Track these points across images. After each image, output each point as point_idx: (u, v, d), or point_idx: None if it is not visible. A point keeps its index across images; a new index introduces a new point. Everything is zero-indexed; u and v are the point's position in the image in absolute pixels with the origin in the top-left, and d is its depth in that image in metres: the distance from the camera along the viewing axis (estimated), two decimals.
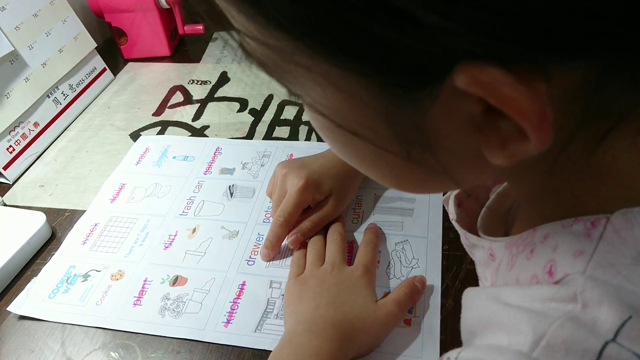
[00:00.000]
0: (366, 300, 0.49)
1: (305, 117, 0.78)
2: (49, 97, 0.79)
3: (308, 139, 0.74)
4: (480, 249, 0.36)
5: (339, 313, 0.47)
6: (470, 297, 0.31)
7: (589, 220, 0.24)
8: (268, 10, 0.20)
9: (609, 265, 0.23)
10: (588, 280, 0.23)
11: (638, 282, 0.22)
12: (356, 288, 0.50)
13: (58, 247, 0.61)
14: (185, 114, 0.82)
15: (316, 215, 0.58)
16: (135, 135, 0.78)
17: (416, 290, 0.51)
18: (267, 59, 0.23)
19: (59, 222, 0.65)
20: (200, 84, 0.89)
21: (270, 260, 0.57)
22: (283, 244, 0.58)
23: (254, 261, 0.57)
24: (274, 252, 0.57)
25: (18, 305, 0.55)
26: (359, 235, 0.59)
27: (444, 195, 0.45)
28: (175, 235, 0.61)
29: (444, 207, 0.61)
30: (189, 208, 0.64)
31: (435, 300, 0.52)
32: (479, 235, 0.37)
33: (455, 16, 0.17)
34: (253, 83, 0.87)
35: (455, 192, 0.41)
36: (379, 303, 0.49)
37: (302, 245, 0.57)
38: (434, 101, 0.20)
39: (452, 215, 0.41)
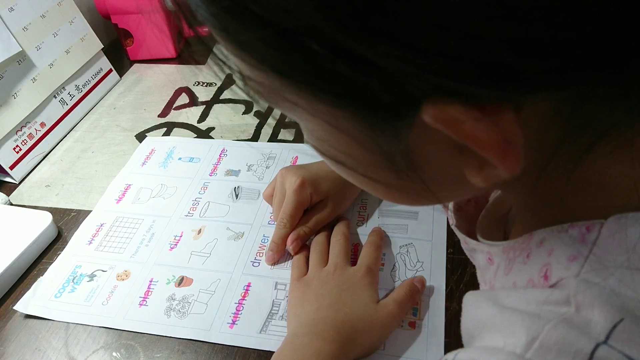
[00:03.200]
0: (368, 301, 0.49)
1: None
2: (56, 97, 0.80)
3: None
4: (479, 253, 0.36)
5: (340, 314, 0.48)
6: (469, 301, 0.32)
7: (584, 225, 0.25)
8: (253, 52, 0.21)
9: (603, 268, 0.23)
10: (581, 283, 0.23)
11: (630, 285, 0.23)
12: (358, 289, 0.50)
13: (64, 247, 0.61)
14: (191, 115, 0.82)
15: (313, 220, 0.58)
16: (141, 136, 0.79)
17: (416, 290, 0.51)
18: (259, 93, 0.25)
19: (65, 222, 0.65)
20: (206, 86, 0.89)
21: (274, 264, 0.57)
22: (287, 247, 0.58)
23: (259, 262, 0.58)
24: (279, 254, 0.57)
25: (24, 304, 0.55)
26: (364, 238, 0.59)
27: None
28: (180, 236, 0.61)
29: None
30: (194, 209, 0.65)
31: (440, 303, 0.52)
32: (478, 240, 0.37)
33: (412, 62, 0.18)
34: None
35: None
36: (380, 304, 0.50)
37: (303, 246, 0.58)
38: (412, 129, 0.22)
39: (452, 220, 0.41)
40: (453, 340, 0.49)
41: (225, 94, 0.87)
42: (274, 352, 0.47)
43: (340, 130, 0.23)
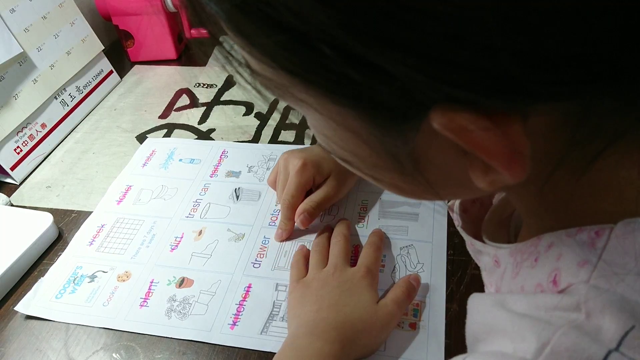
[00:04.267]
0: (367, 302, 0.50)
1: None
2: (57, 98, 0.80)
3: (314, 143, 0.75)
4: (485, 255, 0.36)
5: (340, 315, 0.48)
6: (475, 303, 0.32)
7: (593, 230, 0.25)
8: (263, 50, 0.21)
9: (613, 274, 0.23)
10: (591, 289, 0.23)
11: None
12: (358, 289, 0.51)
13: (65, 248, 0.61)
14: (192, 117, 0.83)
15: (317, 195, 0.60)
16: (141, 138, 0.79)
17: (412, 288, 0.52)
18: (267, 87, 0.25)
19: (66, 223, 0.66)
20: (206, 87, 0.89)
21: (282, 241, 0.60)
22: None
23: (259, 264, 0.58)
24: (287, 232, 0.60)
25: (25, 305, 0.55)
26: (364, 240, 0.59)
27: (448, 202, 0.46)
28: (181, 237, 0.61)
29: (448, 213, 0.61)
30: (195, 210, 0.65)
31: (440, 304, 0.52)
32: (484, 242, 0.37)
33: (424, 70, 0.18)
34: None
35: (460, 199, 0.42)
36: (379, 304, 0.50)
37: (303, 249, 0.58)
38: (419, 132, 0.22)
39: (458, 221, 0.41)
40: (453, 341, 0.49)
41: (226, 96, 0.87)
42: (275, 353, 0.47)
43: (347, 129, 0.24)
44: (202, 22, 0.23)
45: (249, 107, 0.83)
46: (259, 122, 0.80)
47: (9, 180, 0.73)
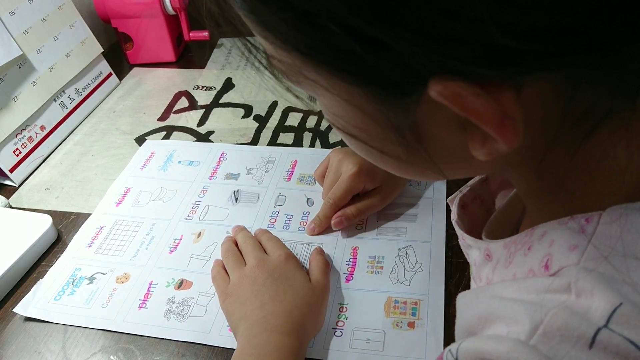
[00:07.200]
0: (303, 283, 0.51)
1: (309, 123, 0.79)
2: (56, 100, 0.80)
3: (312, 145, 0.75)
4: (476, 249, 0.37)
5: (285, 304, 0.48)
6: (468, 299, 0.32)
7: (584, 217, 0.26)
8: (277, 33, 0.23)
9: (601, 257, 0.25)
10: (581, 270, 0.24)
11: (627, 274, 0.24)
12: (290, 274, 0.52)
13: (64, 250, 0.62)
14: (190, 119, 0.83)
15: (362, 203, 0.60)
16: (140, 140, 0.79)
17: (324, 255, 0.56)
18: (282, 71, 0.27)
19: (65, 225, 0.66)
20: (205, 90, 0.89)
21: (312, 235, 0.60)
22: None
23: None
24: (320, 229, 0.60)
25: (24, 307, 0.55)
26: (363, 241, 0.59)
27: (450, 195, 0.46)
28: (180, 240, 0.62)
29: (446, 213, 0.61)
30: (194, 212, 0.65)
31: (439, 305, 0.52)
32: (479, 237, 0.38)
33: (421, 44, 0.20)
34: (257, 89, 0.88)
35: (462, 193, 0.43)
36: (313, 282, 0.52)
37: (219, 262, 0.57)
38: (420, 104, 0.23)
39: (454, 215, 0.42)
40: (452, 341, 0.49)
41: (225, 98, 0.87)
42: None
43: (354, 105, 0.25)
44: (222, 10, 0.25)
45: (247, 110, 0.83)
46: (257, 124, 0.80)
47: (7, 182, 0.73)
